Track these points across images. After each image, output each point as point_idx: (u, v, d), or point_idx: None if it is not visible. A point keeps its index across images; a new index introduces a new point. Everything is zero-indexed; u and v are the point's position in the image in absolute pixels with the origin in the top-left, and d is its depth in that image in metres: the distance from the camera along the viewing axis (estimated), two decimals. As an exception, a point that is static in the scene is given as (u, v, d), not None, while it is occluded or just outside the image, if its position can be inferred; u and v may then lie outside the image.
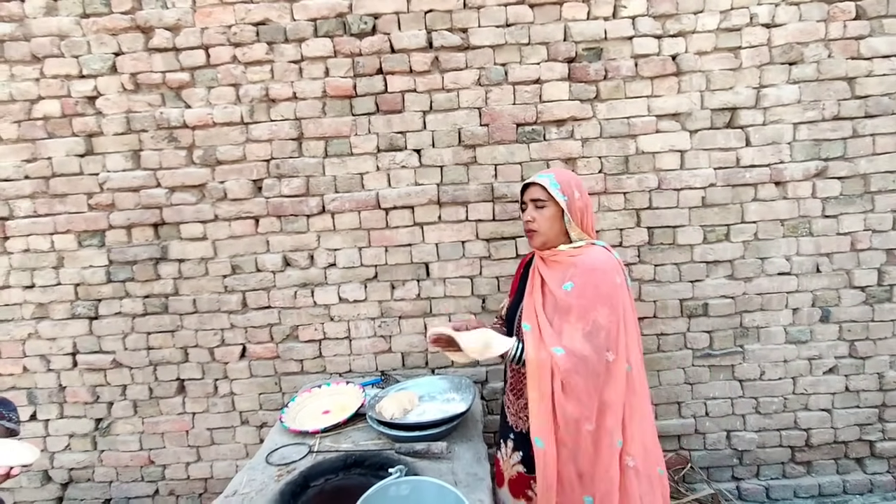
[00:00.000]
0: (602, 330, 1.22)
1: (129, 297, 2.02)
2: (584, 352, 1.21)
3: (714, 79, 1.87)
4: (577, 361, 1.20)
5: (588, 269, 1.26)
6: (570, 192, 1.32)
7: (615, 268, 1.29)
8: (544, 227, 1.33)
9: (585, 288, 1.25)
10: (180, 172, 1.96)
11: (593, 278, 1.25)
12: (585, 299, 1.24)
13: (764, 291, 1.97)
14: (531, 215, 1.35)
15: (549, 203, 1.32)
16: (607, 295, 1.24)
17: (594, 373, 1.21)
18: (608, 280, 1.26)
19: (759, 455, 2.06)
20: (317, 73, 1.90)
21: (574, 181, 1.35)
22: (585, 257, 1.29)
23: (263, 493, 1.27)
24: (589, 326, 1.22)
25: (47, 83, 1.90)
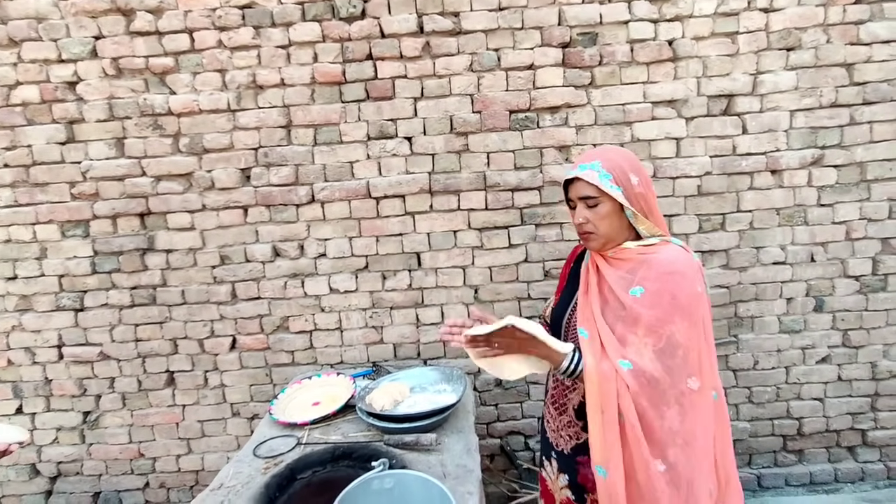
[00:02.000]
0: (679, 349, 0.99)
1: (116, 289, 1.99)
2: (655, 372, 0.97)
3: (711, 65, 1.84)
4: (645, 383, 0.97)
5: (664, 273, 1.01)
6: (624, 180, 1.06)
7: (697, 272, 1.04)
8: (603, 229, 1.08)
9: (660, 295, 1.00)
10: (166, 161, 1.91)
11: (670, 284, 1.00)
12: (660, 309, 0.99)
13: (759, 281, 1.96)
14: (583, 216, 1.09)
15: (603, 198, 1.06)
16: (687, 306, 1.00)
17: (664, 400, 0.97)
18: (689, 287, 1.01)
19: (752, 444, 2.07)
20: (305, 58, 1.85)
21: (627, 162, 1.09)
22: (661, 256, 1.04)
23: (249, 486, 1.25)
24: (662, 343, 0.99)
25: (25, 68, 1.85)
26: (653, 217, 1.09)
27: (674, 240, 1.11)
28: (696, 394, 0.99)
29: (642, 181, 1.08)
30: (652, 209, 1.09)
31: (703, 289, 1.04)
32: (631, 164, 1.09)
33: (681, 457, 0.97)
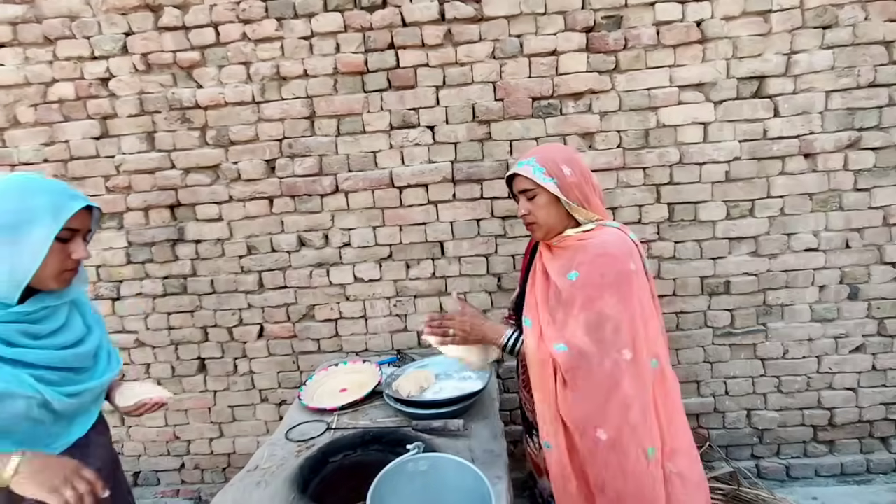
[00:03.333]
0: (609, 321, 1.07)
1: (149, 279, 2.06)
2: (584, 346, 1.08)
3: (742, 45, 1.78)
4: (577, 356, 1.08)
5: (595, 255, 1.11)
6: (557, 172, 1.16)
7: (627, 252, 1.13)
8: (542, 217, 1.19)
9: (591, 275, 1.10)
10: (194, 153, 1.96)
11: (599, 265, 1.10)
12: (590, 288, 1.10)
13: (789, 268, 1.91)
14: (525, 208, 1.21)
15: (540, 190, 1.17)
16: (616, 283, 1.09)
17: (600, 371, 1.07)
18: (617, 266, 1.10)
19: (780, 434, 2.04)
20: (327, 49, 1.86)
21: (561, 156, 1.19)
22: (594, 241, 1.14)
23: (284, 468, 1.29)
24: (592, 318, 1.08)
25: (61, 65, 1.90)
26: (590, 205, 1.18)
27: (610, 223, 1.20)
28: (631, 362, 1.07)
29: (576, 171, 1.17)
30: (588, 197, 1.18)
31: (637, 266, 1.13)
32: (565, 157, 1.19)
33: (627, 424, 1.06)
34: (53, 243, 0.86)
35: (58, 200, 0.87)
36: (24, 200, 0.85)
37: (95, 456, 1.01)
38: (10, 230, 0.83)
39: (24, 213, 0.84)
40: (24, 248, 0.83)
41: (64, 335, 0.94)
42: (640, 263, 1.15)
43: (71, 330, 0.96)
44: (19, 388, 0.84)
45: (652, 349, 1.12)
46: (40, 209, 0.85)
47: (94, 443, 1.01)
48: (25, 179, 0.89)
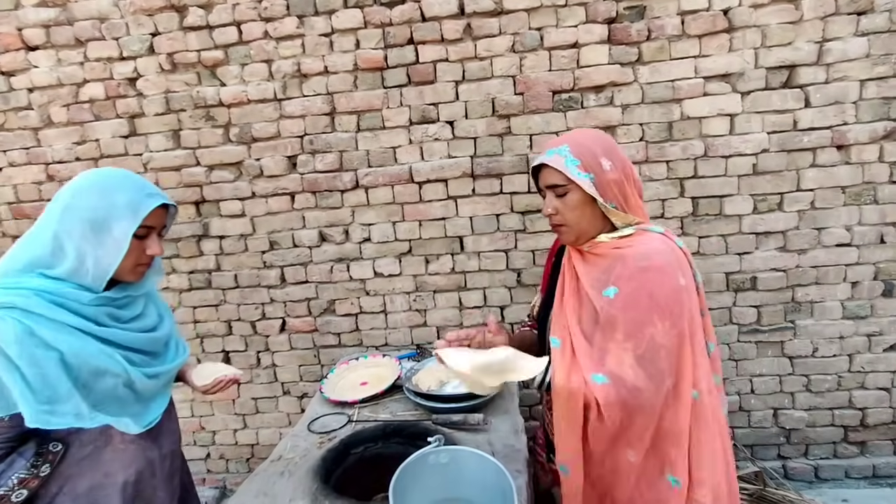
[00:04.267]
0: (661, 350, 0.91)
1: (176, 273, 2.11)
2: (638, 382, 0.90)
3: (771, 34, 1.73)
4: (628, 395, 0.91)
5: (639, 269, 0.92)
6: (595, 166, 0.95)
7: (675, 264, 0.94)
8: (573, 219, 0.99)
9: (636, 295, 0.92)
10: (218, 150, 2.00)
11: (647, 281, 0.92)
12: (637, 311, 0.92)
13: (820, 264, 1.85)
14: (552, 206, 1.00)
15: (572, 187, 0.97)
16: (666, 304, 0.91)
17: (650, 408, 0.92)
18: (668, 282, 0.92)
19: (809, 434, 1.98)
20: (347, 45, 1.87)
21: (600, 146, 0.98)
22: (635, 250, 0.95)
23: (307, 459, 1.32)
24: (643, 347, 0.91)
25: (91, 66, 1.96)
26: (629, 206, 0.99)
27: (653, 227, 1.00)
28: (671, 392, 0.93)
29: (617, 167, 0.97)
30: (627, 197, 0.98)
31: (686, 280, 0.95)
32: (606, 148, 0.98)
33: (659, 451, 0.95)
34: (131, 239, 0.89)
35: (136, 198, 0.90)
36: (105, 197, 0.88)
37: (169, 440, 1.06)
38: (94, 226, 0.87)
39: (107, 210, 0.88)
40: (106, 243, 0.88)
41: (143, 321, 1.00)
42: (690, 276, 0.97)
43: (148, 317, 1.02)
44: (111, 365, 0.88)
45: (696, 378, 0.96)
46: (121, 206, 0.88)
47: (166, 428, 1.05)
48: (109, 175, 0.93)
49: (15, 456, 0.83)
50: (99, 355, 0.87)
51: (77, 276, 0.88)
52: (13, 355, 0.78)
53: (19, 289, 0.83)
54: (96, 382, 0.87)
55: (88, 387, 0.86)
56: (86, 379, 0.86)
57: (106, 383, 0.89)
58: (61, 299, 0.85)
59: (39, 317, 0.82)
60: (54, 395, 0.81)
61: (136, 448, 0.96)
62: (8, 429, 0.82)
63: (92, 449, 0.90)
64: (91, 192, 0.88)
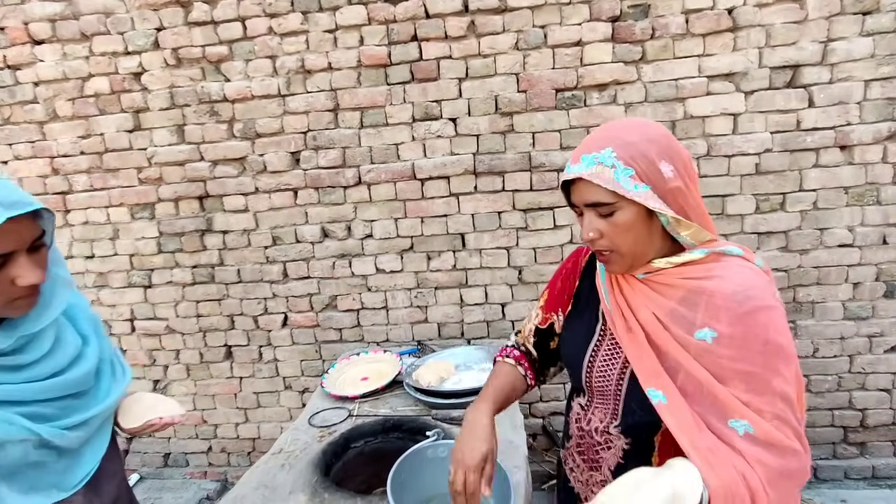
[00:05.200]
0: (794, 405, 0.71)
1: (179, 267, 2.13)
2: (794, 444, 0.69)
3: (775, 33, 1.72)
4: (788, 464, 0.68)
5: (744, 312, 0.69)
6: (653, 174, 0.71)
7: (774, 292, 0.74)
8: (626, 243, 0.74)
9: (747, 342, 0.70)
10: (222, 146, 2.01)
11: (757, 325, 0.69)
12: (753, 363, 0.70)
13: (822, 264, 1.85)
14: (595, 228, 0.75)
15: (622, 202, 0.72)
16: (785, 347, 0.70)
17: (806, 473, 0.72)
18: (778, 321, 0.71)
19: (808, 434, 1.96)
20: (351, 42, 1.88)
21: (655, 144, 0.72)
22: (726, 285, 0.71)
23: (307, 452, 1.33)
24: (778, 406, 0.69)
25: (96, 61, 1.97)
26: (696, 216, 0.74)
27: (729, 248, 0.75)
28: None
29: (679, 169, 0.72)
30: (698, 206, 0.75)
31: (782, 307, 0.75)
32: (660, 145, 0.72)
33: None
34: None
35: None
36: None
37: (112, 485, 0.88)
38: None
39: None
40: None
41: (53, 359, 0.78)
42: (781, 304, 0.76)
43: (62, 351, 0.80)
44: (10, 433, 0.70)
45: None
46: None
47: (106, 472, 0.87)
48: None
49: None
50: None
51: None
52: None
53: None
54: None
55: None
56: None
57: (10, 455, 0.71)
58: None
59: None
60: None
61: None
62: None
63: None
64: None
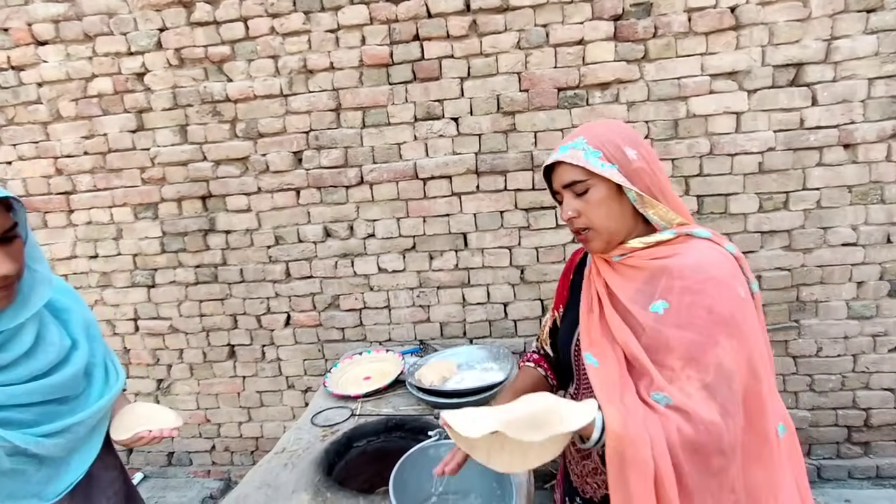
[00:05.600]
0: (734, 377, 0.73)
1: (182, 267, 2.13)
2: (713, 416, 0.71)
3: (778, 31, 1.71)
4: (705, 433, 0.70)
5: (694, 281, 0.76)
6: (617, 154, 0.80)
7: (731, 273, 0.78)
8: (600, 219, 0.82)
9: (693, 311, 0.75)
10: (224, 146, 2.01)
11: (703, 295, 0.75)
12: (695, 330, 0.74)
13: (825, 263, 1.84)
14: (573, 208, 0.83)
15: (594, 181, 0.81)
16: (731, 319, 0.74)
17: (731, 452, 0.72)
18: (726, 295, 0.75)
19: (812, 434, 1.98)
20: (353, 41, 1.88)
21: (620, 134, 0.83)
22: (685, 259, 0.78)
23: (310, 451, 1.33)
24: (711, 374, 0.73)
25: (99, 61, 1.98)
26: (665, 198, 0.82)
27: (697, 230, 0.82)
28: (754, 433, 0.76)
29: (643, 155, 0.82)
30: (664, 188, 0.82)
31: (746, 290, 0.79)
32: (624, 135, 0.83)
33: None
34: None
35: None
36: None
37: (105, 494, 0.85)
38: None
39: None
40: None
41: (33, 361, 0.74)
42: (748, 288, 0.80)
43: (44, 352, 0.76)
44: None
45: (776, 408, 0.79)
46: None
47: (99, 481, 0.83)
48: None
49: None
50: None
51: None
52: None
53: None
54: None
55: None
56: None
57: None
58: None
59: None
60: None
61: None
62: None
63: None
64: None
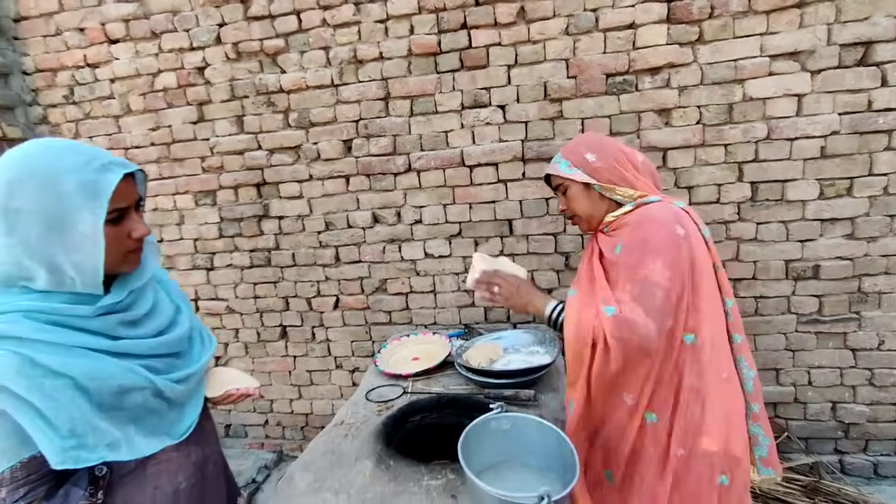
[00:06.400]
0: (656, 289, 0.97)
1: (238, 251, 2.26)
2: (636, 317, 0.96)
3: (846, 8, 1.63)
4: (627, 330, 0.97)
5: (636, 223, 1.06)
6: (580, 161, 1.14)
7: (670, 216, 1.04)
8: (579, 208, 1.17)
9: (633, 244, 1.04)
10: (278, 135, 2.10)
11: (641, 231, 1.04)
12: (632, 256, 1.03)
13: (890, 253, 1.76)
14: (563, 204, 1.22)
15: (569, 182, 1.16)
16: (660, 247, 1.00)
17: (647, 347, 0.97)
18: (661, 230, 1.02)
19: (869, 429, 1.91)
20: (402, 31, 1.92)
21: (583, 144, 1.16)
22: (635, 215, 1.09)
23: (367, 424, 1.41)
24: (638, 287, 0.99)
25: (165, 57, 2.10)
26: (627, 183, 1.12)
27: (650, 197, 1.11)
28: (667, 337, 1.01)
29: (602, 156, 1.13)
30: (624, 177, 1.12)
31: (685, 232, 1.02)
32: (588, 143, 1.16)
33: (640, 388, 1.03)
34: (105, 229, 0.72)
35: (89, 178, 0.71)
36: (49, 187, 0.69)
37: (209, 440, 0.98)
38: (50, 226, 0.69)
39: (57, 203, 0.69)
40: (76, 242, 0.71)
41: (157, 319, 0.87)
42: (693, 228, 1.06)
43: (162, 312, 0.89)
44: (134, 380, 0.78)
45: (692, 323, 1.02)
46: (73, 193, 0.70)
47: (204, 429, 0.96)
48: (44, 156, 0.71)
49: (69, 486, 0.73)
50: (118, 372, 0.76)
51: (64, 287, 0.73)
52: (20, 390, 0.66)
53: (5, 313, 0.69)
54: (123, 401, 0.77)
55: (116, 407, 0.76)
56: (110, 401, 0.75)
57: (134, 399, 0.78)
58: (58, 317, 0.72)
59: (37, 343, 0.69)
60: (79, 427, 0.70)
61: (180, 456, 0.88)
62: (38, 465, 0.70)
63: (135, 465, 0.81)
64: (29, 185, 0.68)
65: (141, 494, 0.82)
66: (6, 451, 0.67)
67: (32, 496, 0.69)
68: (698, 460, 1.00)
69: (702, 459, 1.00)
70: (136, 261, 0.83)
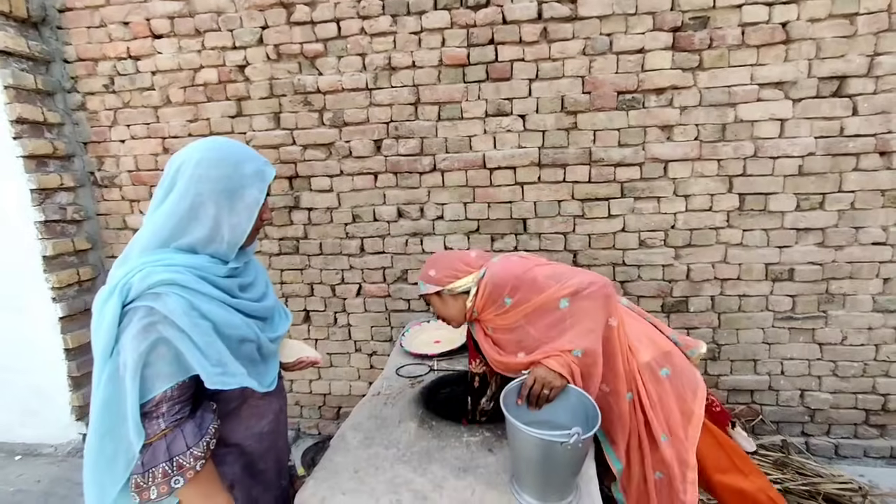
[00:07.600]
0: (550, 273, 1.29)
1: (268, 239, 2.40)
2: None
3: (825, 46, 1.89)
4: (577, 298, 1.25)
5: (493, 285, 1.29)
6: (426, 277, 1.37)
7: (502, 259, 1.35)
8: (443, 312, 1.39)
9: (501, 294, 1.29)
10: (313, 132, 2.26)
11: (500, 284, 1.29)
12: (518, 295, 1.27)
13: (855, 260, 2.02)
14: (436, 315, 1.44)
15: (429, 297, 1.39)
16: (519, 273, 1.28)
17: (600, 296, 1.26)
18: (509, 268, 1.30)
19: (832, 415, 2.17)
20: (434, 43, 2.10)
21: (427, 265, 1.39)
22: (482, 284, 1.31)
23: (403, 394, 1.59)
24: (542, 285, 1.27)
25: (207, 54, 2.24)
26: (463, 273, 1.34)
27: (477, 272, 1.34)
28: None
29: (439, 266, 1.37)
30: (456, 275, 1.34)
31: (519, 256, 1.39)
32: (429, 263, 1.39)
33: None
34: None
35: (260, 167, 0.97)
36: (237, 167, 0.93)
37: (283, 395, 1.16)
38: (229, 194, 0.92)
39: (239, 179, 0.93)
40: (239, 210, 0.93)
41: (258, 287, 1.05)
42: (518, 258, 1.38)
43: (257, 285, 1.06)
44: (249, 333, 0.95)
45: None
46: (249, 175, 0.94)
47: (279, 386, 1.11)
48: (232, 147, 0.97)
49: (202, 411, 0.92)
50: (241, 325, 0.93)
51: (210, 244, 0.93)
52: (184, 326, 0.84)
53: (173, 265, 0.88)
54: (239, 349, 0.93)
55: (234, 353, 0.92)
56: (233, 347, 0.92)
57: (246, 349, 0.95)
58: (204, 273, 0.91)
59: (194, 292, 0.87)
60: (222, 359, 0.88)
61: (265, 403, 1.05)
62: (187, 388, 0.89)
63: (235, 406, 0.99)
64: (222, 164, 0.92)
65: (235, 430, 1.01)
66: (169, 375, 0.85)
67: (181, 413, 0.88)
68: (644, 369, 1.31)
69: (644, 367, 1.31)
70: (255, 237, 1.03)
